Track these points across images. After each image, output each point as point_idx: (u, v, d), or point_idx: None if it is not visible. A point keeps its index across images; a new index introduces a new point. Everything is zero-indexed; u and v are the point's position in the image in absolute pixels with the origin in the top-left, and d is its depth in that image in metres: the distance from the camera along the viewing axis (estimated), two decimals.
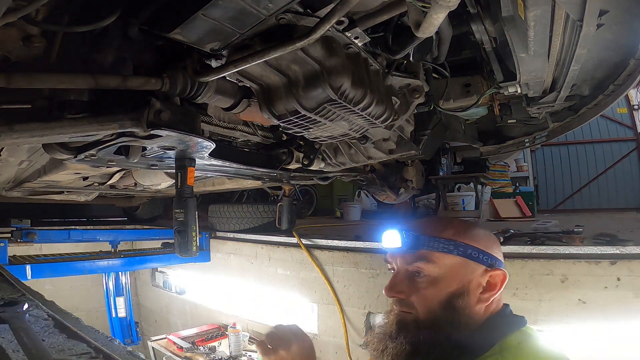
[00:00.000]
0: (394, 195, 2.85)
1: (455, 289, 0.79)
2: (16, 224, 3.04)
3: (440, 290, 0.79)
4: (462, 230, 0.83)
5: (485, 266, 0.81)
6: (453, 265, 0.80)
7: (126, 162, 1.19)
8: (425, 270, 0.80)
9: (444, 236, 0.81)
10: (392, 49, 1.17)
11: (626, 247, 1.81)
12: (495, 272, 0.81)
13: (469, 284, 0.79)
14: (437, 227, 0.84)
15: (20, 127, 0.78)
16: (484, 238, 0.84)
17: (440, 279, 0.79)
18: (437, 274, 0.80)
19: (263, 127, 1.72)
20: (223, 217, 3.44)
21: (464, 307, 0.78)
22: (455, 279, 0.79)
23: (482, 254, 0.81)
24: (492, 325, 0.79)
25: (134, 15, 0.86)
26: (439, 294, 0.79)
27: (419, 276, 0.81)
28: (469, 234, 0.83)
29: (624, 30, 1.36)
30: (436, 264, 0.79)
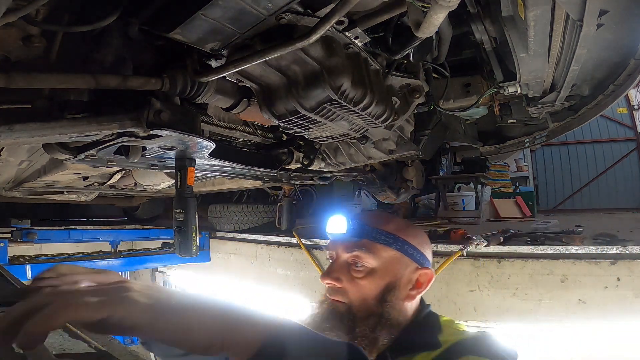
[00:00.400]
0: (394, 195, 2.85)
1: (388, 282, 0.81)
2: (16, 224, 3.05)
3: (375, 282, 0.81)
4: (402, 227, 0.86)
5: (417, 264, 0.84)
6: (390, 259, 0.82)
7: (126, 162, 1.19)
8: (364, 260, 0.81)
9: (385, 229, 0.83)
10: (392, 49, 1.17)
11: (626, 247, 1.81)
12: (424, 271, 0.84)
13: (401, 279, 0.82)
14: (380, 220, 0.86)
15: (20, 127, 0.78)
16: (419, 237, 0.87)
17: (377, 271, 0.81)
18: (374, 266, 0.81)
19: (263, 127, 1.72)
20: (223, 217, 3.44)
21: (395, 302, 0.80)
22: (390, 273, 0.81)
23: (416, 252, 0.84)
24: (426, 323, 0.82)
25: (134, 15, 0.86)
26: (373, 285, 0.81)
27: (356, 266, 0.82)
28: (408, 231, 0.86)
29: (624, 30, 1.36)
30: (375, 255, 0.81)
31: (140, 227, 4.15)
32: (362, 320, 0.79)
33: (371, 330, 0.78)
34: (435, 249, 2.34)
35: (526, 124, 2.59)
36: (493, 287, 2.09)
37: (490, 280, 2.10)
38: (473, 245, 2.10)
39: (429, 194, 4.73)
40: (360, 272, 0.81)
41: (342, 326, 0.79)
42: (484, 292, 2.11)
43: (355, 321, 0.79)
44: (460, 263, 2.18)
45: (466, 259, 2.16)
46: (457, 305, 2.19)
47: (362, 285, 0.81)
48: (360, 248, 0.82)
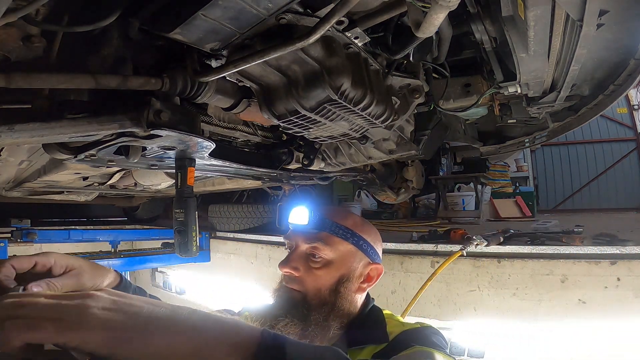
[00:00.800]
0: (394, 195, 2.85)
1: (342, 274, 0.86)
2: (16, 224, 3.04)
3: (331, 273, 0.85)
4: (359, 223, 0.92)
5: (370, 259, 0.90)
6: (346, 252, 0.87)
7: (126, 162, 1.19)
8: (322, 252, 0.86)
9: (344, 224, 0.89)
10: (392, 49, 1.17)
11: (626, 247, 1.81)
12: (375, 266, 0.91)
13: (354, 272, 0.87)
14: (340, 215, 0.91)
15: (20, 127, 0.78)
16: (373, 234, 0.93)
17: (333, 263, 0.86)
18: (331, 258, 0.86)
19: (263, 127, 1.72)
20: (223, 217, 3.44)
21: (346, 293, 0.85)
22: (345, 265, 0.87)
23: (370, 247, 0.90)
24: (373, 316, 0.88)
25: (134, 15, 0.86)
26: (328, 276, 0.85)
27: (314, 257, 0.86)
28: (364, 228, 0.91)
29: (624, 30, 1.36)
30: (332, 248, 0.86)
31: (140, 227, 4.15)
32: (316, 309, 0.82)
33: (324, 319, 0.82)
34: (435, 249, 2.34)
35: (526, 124, 2.59)
36: (493, 287, 2.09)
37: (490, 280, 2.10)
38: (473, 245, 2.10)
39: (429, 194, 4.73)
40: (318, 263, 0.86)
41: (297, 313, 0.82)
42: (484, 292, 2.11)
43: (310, 309, 0.83)
44: (460, 263, 2.18)
45: (466, 259, 2.16)
46: (457, 305, 2.19)
47: (318, 275, 0.85)
48: (319, 240, 0.86)
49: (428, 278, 2.10)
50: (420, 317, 2.28)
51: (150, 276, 4.26)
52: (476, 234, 2.18)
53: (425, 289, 2.08)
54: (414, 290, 2.17)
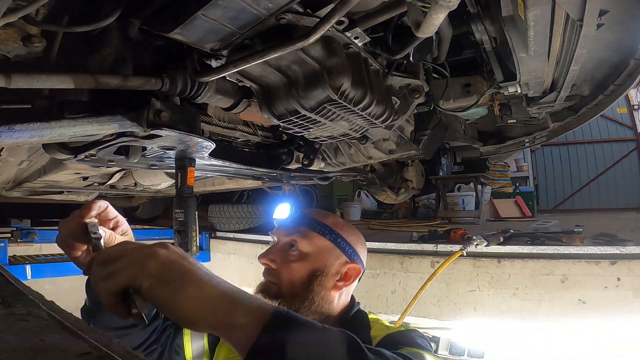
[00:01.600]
0: (394, 195, 2.85)
1: (316, 268, 0.87)
2: (16, 224, 3.05)
3: (305, 266, 0.87)
4: (339, 223, 0.95)
5: (348, 258, 0.91)
6: (322, 247, 0.89)
7: (126, 162, 1.19)
8: (299, 244, 0.89)
9: (324, 221, 0.92)
10: (392, 49, 1.17)
11: (626, 247, 1.81)
12: (353, 265, 0.91)
13: (330, 267, 0.88)
14: (321, 214, 0.95)
15: (20, 127, 0.78)
16: (354, 235, 0.95)
17: (309, 255, 0.88)
18: (307, 251, 0.88)
19: (263, 127, 1.72)
20: (223, 217, 3.44)
21: (320, 288, 0.86)
22: (320, 260, 0.88)
23: (348, 246, 0.92)
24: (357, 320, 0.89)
25: (134, 15, 0.86)
26: (302, 269, 0.87)
27: (292, 249, 0.89)
28: (344, 228, 0.94)
29: (624, 30, 1.36)
30: (309, 241, 0.89)
31: (140, 227, 4.15)
32: (287, 302, 0.83)
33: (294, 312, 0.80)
34: (435, 249, 2.34)
35: (526, 124, 2.59)
36: (493, 287, 2.09)
37: (490, 280, 2.10)
38: (473, 245, 2.10)
39: (429, 194, 4.73)
40: (294, 255, 0.88)
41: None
42: (484, 292, 2.11)
43: (281, 302, 0.82)
44: (460, 263, 2.18)
45: (466, 259, 2.16)
46: (457, 305, 2.19)
47: (293, 267, 0.87)
48: (298, 233, 0.90)
49: (428, 278, 2.10)
50: (420, 317, 2.28)
51: None
52: (476, 234, 2.18)
53: (425, 289, 2.08)
54: (414, 290, 2.17)
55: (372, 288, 2.45)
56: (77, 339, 0.51)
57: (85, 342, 0.48)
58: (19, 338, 0.46)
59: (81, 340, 0.49)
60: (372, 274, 2.45)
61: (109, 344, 0.46)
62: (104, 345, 0.45)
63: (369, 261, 2.53)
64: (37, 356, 0.39)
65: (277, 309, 0.52)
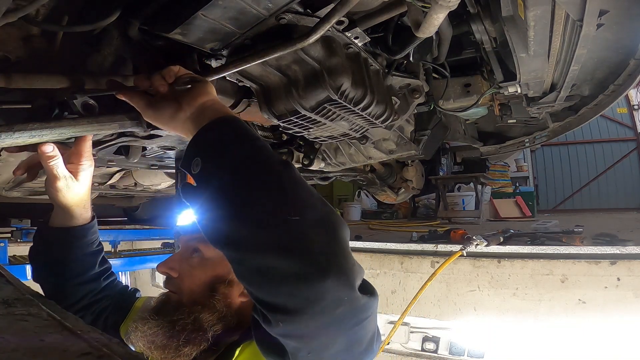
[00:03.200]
0: (394, 195, 2.85)
1: (219, 274, 0.82)
2: (16, 224, 3.04)
3: (206, 271, 0.82)
4: None
5: None
6: None
7: (126, 162, 1.19)
8: (201, 249, 0.83)
9: None
10: (392, 49, 1.16)
11: (626, 247, 1.81)
12: None
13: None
14: None
15: (20, 127, 0.78)
16: None
17: (211, 260, 0.82)
18: (209, 256, 0.83)
19: (263, 127, 1.72)
20: None
21: (225, 295, 0.80)
22: (224, 266, 0.80)
23: None
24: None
25: (134, 15, 0.86)
26: (204, 274, 0.82)
27: (194, 255, 0.84)
28: None
29: (624, 30, 1.36)
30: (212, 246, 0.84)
31: (140, 227, 4.14)
32: (188, 311, 0.79)
33: (194, 320, 0.78)
34: (435, 249, 2.34)
35: (526, 124, 2.59)
36: (493, 287, 2.09)
37: (490, 280, 2.10)
38: (473, 245, 2.10)
39: (429, 194, 4.73)
40: (196, 260, 0.83)
41: (167, 314, 0.79)
42: (484, 292, 2.11)
43: (177, 310, 0.80)
44: (460, 263, 2.18)
45: (466, 259, 2.16)
46: (457, 305, 2.19)
47: (194, 274, 0.82)
48: (200, 239, 0.83)
49: (428, 278, 2.10)
50: (420, 317, 2.28)
51: (150, 276, 4.26)
52: (476, 234, 2.18)
53: (425, 289, 2.08)
54: (414, 290, 2.18)
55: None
56: (77, 339, 0.51)
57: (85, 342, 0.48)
58: (19, 338, 0.46)
59: (81, 340, 0.49)
60: (372, 274, 2.45)
61: (109, 344, 0.46)
62: (104, 345, 0.45)
63: (369, 261, 2.54)
64: (37, 356, 0.39)
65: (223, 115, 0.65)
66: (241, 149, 0.59)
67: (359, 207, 5.34)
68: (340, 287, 0.50)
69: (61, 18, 0.81)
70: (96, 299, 0.98)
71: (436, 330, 2.34)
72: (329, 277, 0.49)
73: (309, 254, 0.51)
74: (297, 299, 0.50)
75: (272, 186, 0.55)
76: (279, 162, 0.59)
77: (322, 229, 0.53)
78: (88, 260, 0.96)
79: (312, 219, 0.53)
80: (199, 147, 0.62)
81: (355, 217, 5.14)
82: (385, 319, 2.48)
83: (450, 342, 2.31)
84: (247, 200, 0.54)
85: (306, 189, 0.58)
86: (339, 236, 0.54)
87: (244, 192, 0.55)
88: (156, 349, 0.77)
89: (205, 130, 0.63)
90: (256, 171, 0.57)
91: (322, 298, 0.49)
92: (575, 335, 1.86)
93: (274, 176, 0.56)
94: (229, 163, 0.58)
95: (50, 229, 0.90)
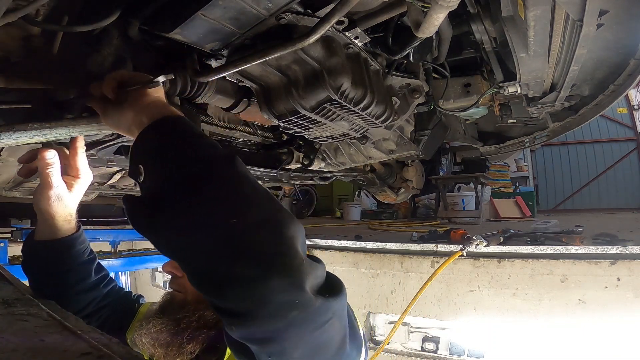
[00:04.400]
0: (394, 195, 2.85)
1: None
2: (16, 224, 3.04)
3: None
4: None
5: None
6: None
7: (126, 162, 1.19)
8: None
9: None
10: (392, 49, 1.16)
11: (626, 247, 1.81)
12: None
13: None
14: None
15: (20, 127, 0.78)
16: None
17: None
18: None
19: (263, 127, 1.72)
20: None
21: None
22: None
23: None
24: None
25: (134, 15, 0.86)
26: None
27: None
28: None
29: (624, 30, 1.36)
30: None
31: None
32: (193, 309, 0.80)
33: (198, 318, 0.78)
34: (435, 249, 2.34)
35: (526, 124, 2.59)
36: (493, 287, 2.09)
37: (490, 280, 2.10)
38: (473, 245, 2.10)
39: (429, 194, 4.73)
40: None
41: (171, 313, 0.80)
42: (484, 292, 2.11)
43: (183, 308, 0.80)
44: (460, 263, 2.18)
45: (466, 259, 2.16)
46: (457, 305, 2.19)
47: None
48: None
49: (428, 278, 2.10)
50: (420, 317, 2.28)
51: (150, 276, 4.26)
52: (476, 234, 2.18)
53: (425, 289, 2.08)
54: (414, 290, 2.18)
55: (372, 288, 2.45)
56: (77, 339, 0.51)
57: (85, 342, 0.49)
58: (19, 338, 0.46)
59: (81, 340, 0.49)
60: (372, 274, 2.45)
61: (109, 344, 0.46)
62: (104, 345, 0.45)
63: (369, 261, 2.54)
64: (37, 356, 0.39)
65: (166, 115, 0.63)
66: (180, 151, 0.57)
67: (359, 207, 5.34)
68: (287, 288, 0.49)
69: (61, 18, 0.81)
70: (99, 307, 0.98)
71: (436, 330, 2.34)
72: (272, 278, 0.48)
73: (251, 256, 0.49)
74: (244, 302, 0.49)
75: (212, 187, 0.53)
76: (223, 159, 0.56)
77: (266, 228, 0.51)
78: (82, 269, 0.94)
79: (255, 219, 0.52)
80: (139, 154, 0.61)
81: (355, 217, 5.14)
82: (385, 319, 2.48)
83: (450, 342, 2.31)
84: (187, 205, 0.52)
85: (250, 186, 0.55)
86: (285, 235, 0.52)
87: (184, 197, 0.53)
88: (160, 346, 0.77)
89: (143, 135, 0.61)
90: (196, 173, 0.55)
91: (268, 300, 0.48)
92: (575, 335, 1.86)
93: (214, 176, 0.55)
94: (169, 168, 0.56)
95: (37, 242, 0.89)
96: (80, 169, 0.84)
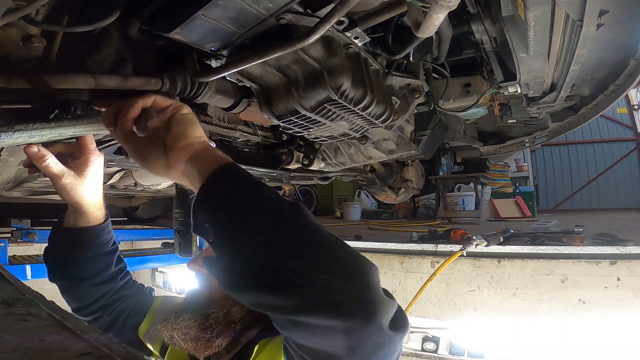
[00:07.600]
0: (394, 195, 2.85)
1: None
2: (16, 224, 3.04)
3: None
4: None
5: None
6: None
7: (126, 162, 1.19)
8: None
9: None
10: (392, 49, 1.16)
11: (626, 247, 1.81)
12: None
13: None
14: None
15: (20, 127, 0.78)
16: None
17: None
18: None
19: (263, 127, 1.72)
20: None
21: None
22: None
23: None
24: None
25: (134, 15, 0.86)
26: None
27: None
28: None
29: (624, 30, 1.36)
30: None
31: (140, 227, 4.14)
32: (219, 305, 0.82)
33: (225, 314, 0.81)
34: (435, 249, 2.34)
35: (526, 124, 2.59)
36: (493, 287, 2.09)
37: (490, 280, 2.10)
38: (473, 245, 2.10)
39: (429, 194, 4.73)
40: None
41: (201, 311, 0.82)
42: (484, 292, 2.11)
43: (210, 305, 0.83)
44: (460, 263, 2.18)
45: (466, 259, 2.16)
46: (457, 305, 2.19)
47: None
48: None
49: (428, 278, 2.10)
50: (420, 317, 2.28)
51: (150, 276, 4.26)
52: (476, 234, 2.18)
53: (425, 289, 2.08)
54: (414, 290, 2.18)
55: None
56: (77, 339, 0.51)
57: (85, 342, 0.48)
58: (19, 338, 0.46)
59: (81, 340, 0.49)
60: None
61: (109, 344, 0.46)
62: (104, 345, 0.45)
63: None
64: (37, 356, 0.39)
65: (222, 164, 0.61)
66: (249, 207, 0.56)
67: (359, 207, 5.34)
68: (377, 332, 0.51)
69: (61, 18, 0.81)
70: (114, 299, 0.99)
71: (436, 330, 2.34)
72: (364, 327, 0.50)
73: (346, 309, 0.50)
74: (342, 351, 0.51)
75: (291, 246, 0.53)
76: (290, 210, 0.56)
77: (352, 280, 0.52)
78: (104, 260, 0.96)
79: (338, 272, 0.52)
80: (205, 213, 0.58)
81: (355, 217, 5.14)
82: None
83: (450, 342, 2.32)
84: (270, 266, 0.52)
85: (323, 235, 0.55)
86: (370, 282, 0.53)
87: (264, 258, 0.53)
88: (190, 340, 0.80)
89: (203, 192, 0.59)
90: (272, 230, 0.54)
91: (362, 347, 0.51)
92: (575, 335, 1.86)
93: (290, 232, 0.54)
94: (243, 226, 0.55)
95: (63, 229, 0.90)
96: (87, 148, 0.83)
